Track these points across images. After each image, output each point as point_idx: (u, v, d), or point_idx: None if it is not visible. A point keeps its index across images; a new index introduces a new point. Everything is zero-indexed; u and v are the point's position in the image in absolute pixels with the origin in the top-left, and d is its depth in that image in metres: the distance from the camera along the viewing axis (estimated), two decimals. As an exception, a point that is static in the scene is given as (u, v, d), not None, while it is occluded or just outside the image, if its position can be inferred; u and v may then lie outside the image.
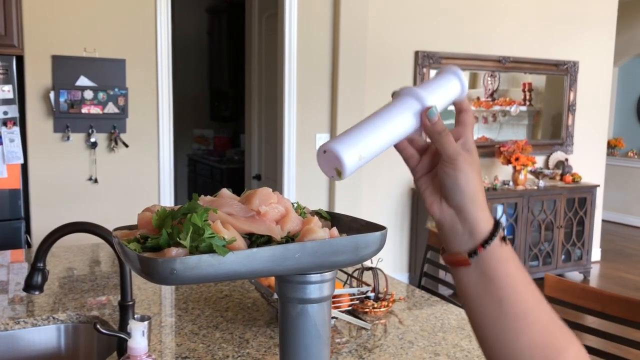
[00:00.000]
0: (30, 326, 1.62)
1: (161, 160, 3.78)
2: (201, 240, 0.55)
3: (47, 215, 3.48)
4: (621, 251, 6.34)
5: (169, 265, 0.54)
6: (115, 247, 0.63)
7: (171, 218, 0.59)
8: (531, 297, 0.62)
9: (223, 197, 0.65)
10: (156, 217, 0.61)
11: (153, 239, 0.59)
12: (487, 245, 0.62)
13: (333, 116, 4.25)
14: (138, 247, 0.59)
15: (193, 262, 0.55)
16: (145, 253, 0.57)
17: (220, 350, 1.45)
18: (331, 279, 0.67)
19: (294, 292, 0.66)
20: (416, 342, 1.53)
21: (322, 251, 0.61)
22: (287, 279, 0.66)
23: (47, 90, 3.41)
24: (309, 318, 0.66)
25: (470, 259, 0.62)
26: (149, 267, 0.55)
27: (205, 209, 0.58)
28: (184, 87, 6.81)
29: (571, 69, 5.48)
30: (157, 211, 0.61)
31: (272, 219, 0.63)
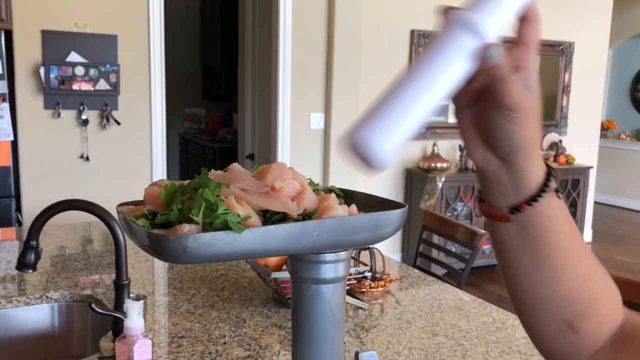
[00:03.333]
0: (23, 305, 1.59)
1: (153, 139, 3.74)
2: (215, 216, 0.52)
3: (38, 193, 3.43)
4: (612, 233, 6.39)
5: (181, 243, 0.51)
6: (120, 223, 0.60)
7: (181, 193, 0.56)
8: (574, 252, 0.55)
9: (235, 172, 0.61)
10: (165, 192, 0.57)
11: (162, 215, 0.56)
12: (533, 204, 0.53)
13: (328, 95, 4.21)
14: (147, 224, 0.56)
15: (207, 239, 0.52)
16: (154, 230, 0.54)
17: (217, 329, 1.43)
18: (346, 259, 0.64)
19: (309, 271, 0.63)
20: (414, 322, 1.52)
21: (341, 229, 0.58)
22: (301, 258, 0.63)
23: (37, 66, 3.34)
24: (324, 299, 0.63)
25: (512, 215, 0.54)
26: (160, 244, 0.52)
27: (218, 184, 0.55)
28: (175, 64, 6.72)
29: (567, 50, 5.45)
30: (166, 186, 0.58)
31: (288, 195, 0.59)
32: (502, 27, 0.48)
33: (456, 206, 4.68)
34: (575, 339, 0.58)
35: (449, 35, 0.47)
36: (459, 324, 1.52)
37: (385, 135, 0.45)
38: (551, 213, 0.54)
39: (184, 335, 1.39)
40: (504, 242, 0.56)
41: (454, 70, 0.47)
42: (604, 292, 0.58)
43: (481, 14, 0.47)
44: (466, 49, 0.46)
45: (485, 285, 4.56)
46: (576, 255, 0.56)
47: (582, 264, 0.57)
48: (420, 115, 0.47)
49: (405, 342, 1.40)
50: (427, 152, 4.88)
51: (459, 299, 1.71)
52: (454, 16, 0.48)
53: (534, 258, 0.55)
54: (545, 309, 0.57)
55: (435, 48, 0.48)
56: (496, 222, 0.56)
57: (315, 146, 4.27)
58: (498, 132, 0.51)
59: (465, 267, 2.24)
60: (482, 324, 1.52)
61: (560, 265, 0.55)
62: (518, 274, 0.57)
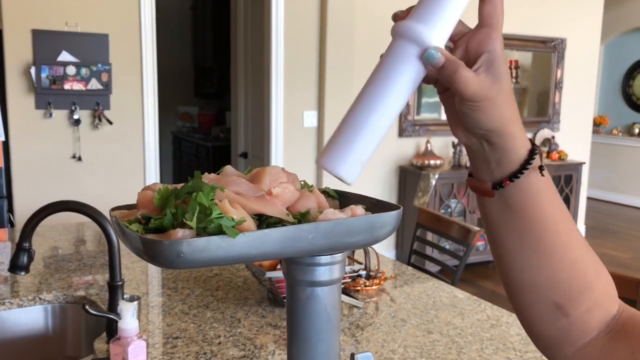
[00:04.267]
0: (16, 307, 1.58)
1: (146, 138, 3.72)
2: (209, 221, 0.52)
3: (30, 194, 3.42)
4: (605, 228, 6.42)
5: (175, 248, 0.51)
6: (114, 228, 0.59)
7: (174, 197, 0.56)
8: (562, 234, 0.55)
9: (229, 175, 0.61)
10: (158, 196, 0.57)
11: (156, 219, 0.55)
12: (515, 179, 0.53)
13: (321, 92, 4.21)
14: (140, 229, 0.55)
15: (201, 244, 0.52)
16: (148, 235, 0.54)
17: (212, 330, 1.43)
18: (342, 261, 0.64)
19: (303, 274, 0.63)
20: (409, 320, 1.52)
21: (336, 232, 0.58)
22: (296, 261, 0.63)
23: (27, 65, 3.32)
24: (319, 301, 0.63)
25: (495, 190, 0.55)
26: (154, 250, 0.52)
27: (212, 187, 0.55)
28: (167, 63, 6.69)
29: (559, 46, 5.46)
30: (159, 190, 0.57)
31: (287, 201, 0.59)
32: (443, 29, 0.51)
33: (450, 203, 4.69)
34: (565, 323, 0.57)
35: (393, 48, 0.52)
36: (454, 322, 1.52)
37: (340, 161, 0.52)
38: (535, 191, 0.55)
39: (178, 336, 1.39)
40: (491, 218, 0.57)
41: (403, 81, 0.51)
42: (595, 278, 0.58)
43: (418, 21, 0.50)
44: (414, 58, 0.50)
45: (479, 281, 4.58)
46: (565, 237, 0.56)
47: (572, 247, 0.57)
48: (373, 134, 0.52)
49: (400, 340, 1.40)
50: (420, 149, 4.88)
51: (453, 297, 1.71)
52: (396, 27, 0.52)
53: (519, 236, 0.56)
54: (534, 291, 0.57)
55: (382, 64, 0.52)
56: (483, 197, 0.57)
57: (309, 144, 4.27)
58: (466, 120, 0.52)
59: (459, 264, 2.24)
60: (476, 321, 1.53)
61: (546, 246, 0.55)
62: (506, 253, 0.57)
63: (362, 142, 0.51)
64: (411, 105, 4.79)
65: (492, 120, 0.51)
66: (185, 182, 0.58)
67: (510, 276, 0.58)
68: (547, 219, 0.55)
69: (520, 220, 0.55)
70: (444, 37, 0.51)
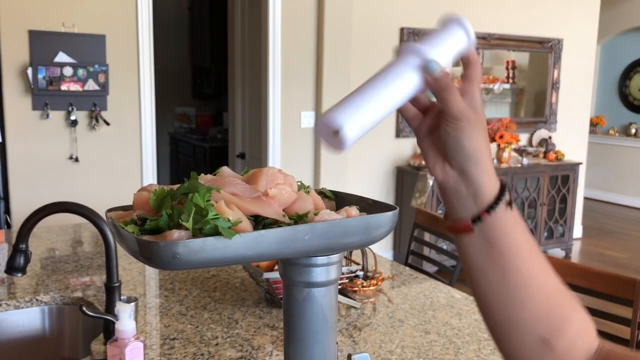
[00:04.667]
0: (13, 308, 1.58)
1: (143, 139, 3.72)
2: (205, 222, 0.52)
3: (27, 195, 3.41)
4: (602, 228, 6.43)
5: (171, 249, 0.50)
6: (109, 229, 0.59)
7: (170, 198, 0.55)
8: (536, 265, 0.59)
9: (225, 176, 0.61)
10: (154, 197, 0.57)
11: (152, 220, 0.55)
12: (491, 211, 0.58)
13: (318, 93, 4.21)
14: (136, 230, 0.55)
15: (197, 245, 0.51)
16: (144, 236, 0.53)
17: (209, 331, 1.42)
18: (338, 262, 0.64)
19: (300, 275, 0.63)
20: (406, 321, 1.53)
21: (333, 232, 0.58)
22: (292, 262, 0.63)
23: (24, 66, 3.32)
24: (316, 302, 0.63)
25: (474, 225, 0.59)
26: (150, 251, 0.51)
27: (208, 189, 0.54)
28: (165, 64, 6.70)
29: (555, 46, 5.47)
30: (155, 191, 0.57)
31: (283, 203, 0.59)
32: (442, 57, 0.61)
33: (447, 203, 4.69)
34: (551, 358, 0.59)
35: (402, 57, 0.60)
36: (451, 322, 1.52)
37: (348, 116, 0.56)
38: (510, 223, 0.59)
39: (176, 337, 1.39)
40: (472, 259, 0.60)
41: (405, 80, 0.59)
42: (572, 310, 0.61)
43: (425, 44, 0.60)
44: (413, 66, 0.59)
45: (476, 281, 4.58)
46: (540, 269, 0.59)
47: (548, 279, 0.60)
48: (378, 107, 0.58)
49: (397, 340, 1.41)
50: (417, 149, 4.89)
51: (450, 297, 1.71)
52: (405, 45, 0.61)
53: (502, 271, 0.59)
54: (519, 326, 0.60)
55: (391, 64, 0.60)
56: (462, 238, 0.60)
57: (306, 145, 4.27)
58: (449, 141, 0.59)
59: (456, 265, 2.24)
60: (474, 322, 1.53)
61: (526, 279, 0.58)
62: (489, 291, 0.60)
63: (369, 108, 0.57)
64: (408, 105, 4.79)
65: (471, 142, 0.58)
66: (182, 183, 0.58)
67: (495, 316, 0.61)
68: (523, 251, 0.59)
69: (500, 254, 0.59)
70: (442, 61, 0.60)
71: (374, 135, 4.69)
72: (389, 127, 4.78)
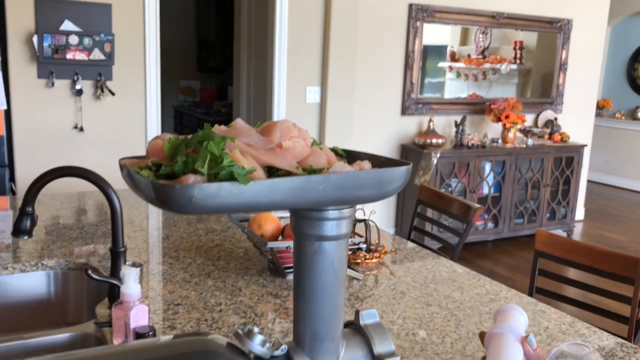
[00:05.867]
0: (19, 272, 1.59)
1: (148, 110, 3.71)
2: (220, 167, 0.52)
3: (31, 163, 3.42)
4: (604, 211, 6.43)
5: (187, 192, 0.51)
6: (123, 177, 0.59)
7: (185, 146, 0.55)
8: None
9: (239, 127, 0.61)
10: (168, 145, 0.57)
11: (167, 166, 0.55)
12: None
13: (324, 68, 4.19)
14: (151, 175, 0.55)
15: (213, 189, 0.52)
16: (159, 180, 0.54)
17: (213, 297, 1.44)
18: (349, 216, 0.64)
19: (311, 228, 0.63)
20: (408, 293, 1.54)
21: (346, 184, 0.58)
22: (304, 215, 0.63)
23: (29, 34, 3.30)
24: (326, 256, 0.64)
25: None
26: (166, 194, 0.51)
27: (223, 137, 0.55)
28: (170, 36, 6.65)
29: (565, 26, 5.42)
30: (169, 139, 0.57)
31: (296, 155, 0.60)
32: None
33: (450, 182, 4.69)
34: None
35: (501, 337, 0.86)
36: (453, 295, 1.53)
37: None
38: None
39: (180, 303, 1.40)
40: None
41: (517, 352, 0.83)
42: None
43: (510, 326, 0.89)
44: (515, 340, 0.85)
45: (477, 260, 4.60)
46: None
47: None
48: None
49: (399, 311, 1.42)
50: (422, 127, 4.87)
51: (453, 271, 1.72)
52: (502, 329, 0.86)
53: None
54: None
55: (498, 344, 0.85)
56: None
57: (311, 121, 4.26)
58: None
59: (459, 241, 2.25)
60: (475, 295, 1.54)
61: None
62: None
63: None
64: (415, 83, 4.77)
65: None
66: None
67: None
68: None
69: None
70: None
71: (379, 112, 4.67)
72: (395, 104, 4.76)
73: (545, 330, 1.35)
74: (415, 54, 4.71)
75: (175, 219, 2.11)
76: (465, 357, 1.20)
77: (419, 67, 4.77)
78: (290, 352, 0.67)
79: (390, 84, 4.69)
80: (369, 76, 4.55)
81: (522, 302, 1.52)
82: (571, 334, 1.34)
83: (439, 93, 5.03)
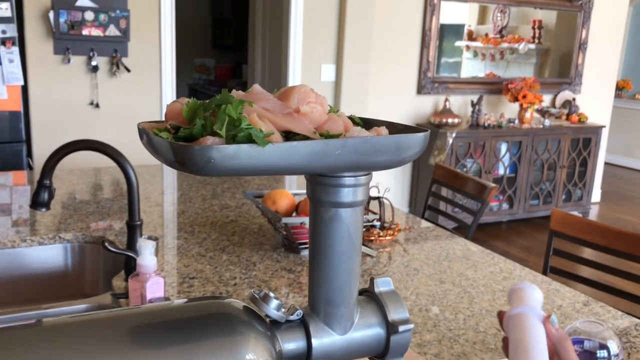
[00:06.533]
0: (37, 244, 1.62)
1: (163, 87, 3.72)
2: (239, 129, 0.52)
3: (48, 139, 3.45)
4: (620, 193, 6.37)
5: (206, 153, 0.51)
6: (142, 141, 0.60)
7: (203, 109, 0.56)
8: None
9: (257, 93, 0.61)
10: (187, 108, 0.57)
11: (185, 129, 0.56)
12: None
13: (340, 46, 4.15)
14: (170, 137, 0.56)
15: (231, 151, 0.52)
16: (179, 142, 0.54)
17: (228, 271, 1.45)
18: (365, 184, 0.64)
19: (328, 195, 0.64)
20: (421, 270, 1.54)
21: (363, 149, 0.58)
22: (320, 182, 0.64)
23: (46, 9, 3.30)
24: (342, 222, 0.64)
25: None
26: (185, 155, 0.52)
27: (241, 101, 0.55)
28: (185, 13, 6.62)
29: (585, 5, 5.32)
30: (188, 102, 0.58)
31: (314, 120, 0.59)
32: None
33: (466, 162, 4.67)
34: None
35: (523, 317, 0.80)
36: (466, 273, 1.53)
37: None
38: None
39: (195, 276, 1.41)
40: None
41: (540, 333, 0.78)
42: None
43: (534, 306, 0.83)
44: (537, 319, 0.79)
45: (491, 241, 4.59)
46: None
47: None
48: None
49: (412, 288, 1.42)
50: (438, 107, 4.83)
51: (466, 249, 1.72)
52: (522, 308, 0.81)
53: None
54: None
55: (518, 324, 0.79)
56: None
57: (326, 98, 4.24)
58: None
59: (473, 220, 2.24)
60: (489, 274, 1.54)
61: None
62: None
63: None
64: (431, 62, 4.72)
65: None
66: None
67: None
68: None
69: None
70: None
71: (394, 91, 4.64)
72: (411, 83, 4.72)
73: (559, 308, 1.35)
74: (432, 32, 4.66)
75: (190, 194, 2.13)
76: (478, 334, 1.21)
77: (435, 46, 4.72)
78: (305, 317, 0.68)
79: (406, 62, 4.65)
80: (384, 54, 4.51)
81: (536, 280, 1.51)
82: (585, 313, 1.33)
83: (456, 72, 4.98)
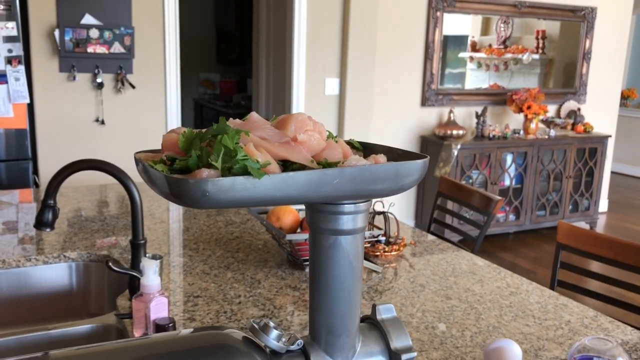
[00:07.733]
0: (42, 264, 1.62)
1: (168, 103, 3.73)
2: (234, 161, 0.52)
3: (54, 156, 3.46)
4: (628, 203, 6.33)
5: (200, 187, 0.51)
6: (139, 171, 0.60)
7: (199, 140, 0.55)
8: None
9: (254, 121, 0.61)
10: (183, 139, 0.57)
11: (181, 160, 0.55)
12: None
13: (343, 60, 4.17)
14: (165, 169, 0.55)
15: (226, 184, 0.52)
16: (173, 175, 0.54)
17: (232, 290, 1.44)
18: (365, 210, 0.64)
19: (327, 222, 0.63)
20: (427, 286, 1.53)
21: (362, 178, 0.58)
22: (319, 209, 0.63)
23: (51, 28, 3.33)
24: (342, 250, 0.63)
25: None
26: (179, 188, 0.52)
27: (237, 131, 0.54)
28: (189, 28, 6.67)
29: (588, 15, 5.32)
30: (183, 132, 0.57)
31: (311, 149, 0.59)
32: None
33: (471, 174, 4.65)
34: None
35: None
36: (473, 288, 1.52)
37: None
38: None
39: (199, 295, 1.41)
40: None
41: None
42: None
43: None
44: None
45: (498, 253, 4.56)
46: None
47: None
48: None
49: (418, 304, 1.41)
50: (443, 119, 4.83)
51: (473, 264, 1.71)
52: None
53: None
54: None
55: None
56: None
57: (330, 112, 4.25)
58: None
59: (480, 233, 2.23)
60: (496, 289, 1.52)
61: None
62: None
63: None
64: (435, 74, 4.73)
65: None
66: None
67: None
68: None
69: None
70: None
71: (399, 103, 4.64)
72: (415, 95, 4.72)
73: (567, 324, 1.33)
74: (435, 44, 4.67)
75: (195, 211, 2.13)
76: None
77: (439, 58, 4.73)
78: (306, 347, 0.67)
79: (410, 75, 4.66)
80: (388, 67, 4.52)
81: (544, 295, 1.50)
82: (594, 328, 1.32)
83: (460, 84, 4.99)
